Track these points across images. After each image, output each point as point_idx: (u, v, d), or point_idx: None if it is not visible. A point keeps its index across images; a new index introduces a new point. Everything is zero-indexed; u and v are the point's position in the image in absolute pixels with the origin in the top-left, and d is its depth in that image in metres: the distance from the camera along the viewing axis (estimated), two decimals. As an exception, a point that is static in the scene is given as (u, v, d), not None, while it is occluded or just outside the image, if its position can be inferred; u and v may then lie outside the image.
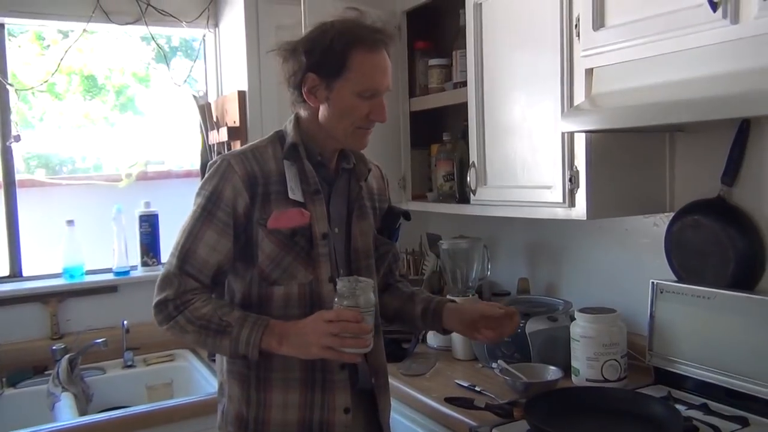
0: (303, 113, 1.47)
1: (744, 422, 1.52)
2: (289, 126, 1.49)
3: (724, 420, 1.54)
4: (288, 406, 1.43)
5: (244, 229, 1.41)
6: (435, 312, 1.60)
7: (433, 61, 2.38)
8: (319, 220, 1.43)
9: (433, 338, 2.28)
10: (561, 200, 1.75)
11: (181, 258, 1.40)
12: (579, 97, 1.68)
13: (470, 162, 2.07)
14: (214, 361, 2.33)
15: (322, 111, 1.42)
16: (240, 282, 1.45)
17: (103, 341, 2.37)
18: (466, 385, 1.87)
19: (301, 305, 1.42)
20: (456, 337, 2.15)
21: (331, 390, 1.44)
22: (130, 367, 2.47)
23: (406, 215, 1.65)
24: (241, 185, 1.39)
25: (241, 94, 2.48)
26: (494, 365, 1.90)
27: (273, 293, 1.42)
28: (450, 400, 1.76)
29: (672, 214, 1.85)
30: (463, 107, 2.10)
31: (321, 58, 1.37)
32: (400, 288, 1.69)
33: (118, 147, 2.80)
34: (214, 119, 2.68)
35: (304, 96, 1.42)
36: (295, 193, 1.42)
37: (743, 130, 1.68)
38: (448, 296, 2.30)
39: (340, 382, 1.45)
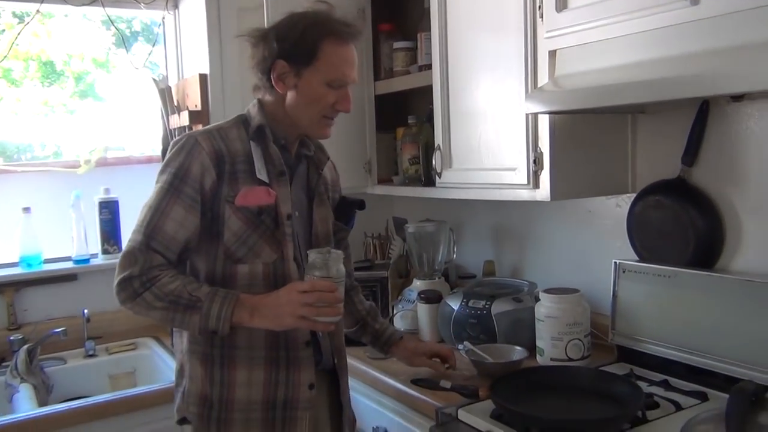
0: (267, 98, 1.50)
1: (703, 397, 1.55)
2: (252, 110, 1.51)
3: (684, 395, 1.57)
4: (252, 384, 1.44)
5: (211, 206, 1.42)
6: (385, 344, 1.79)
7: (397, 44, 2.36)
8: (284, 201, 1.46)
9: (399, 320, 2.28)
10: (525, 182, 1.76)
11: (148, 234, 1.38)
12: (543, 79, 1.68)
13: (436, 145, 2.07)
14: (177, 347, 2.30)
15: (290, 98, 1.46)
16: (204, 260, 1.46)
17: (62, 330, 2.32)
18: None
19: (266, 284, 1.43)
20: (423, 320, 2.16)
21: (296, 367, 1.46)
22: (91, 356, 2.42)
23: (361, 205, 1.70)
24: (209, 162, 1.40)
25: (203, 78, 2.43)
26: (460, 347, 1.92)
27: (237, 271, 1.43)
28: (416, 382, 1.77)
29: (634, 195, 1.88)
30: (429, 90, 2.09)
31: (292, 46, 1.42)
32: (353, 300, 1.77)
33: (77, 133, 2.73)
34: (175, 103, 2.63)
35: (273, 81, 1.45)
36: (261, 173, 1.44)
37: (703, 111, 1.70)
38: (416, 278, 2.33)
39: (305, 359, 1.47)
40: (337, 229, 1.64)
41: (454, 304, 2.04)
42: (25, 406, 1.99)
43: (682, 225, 1.74)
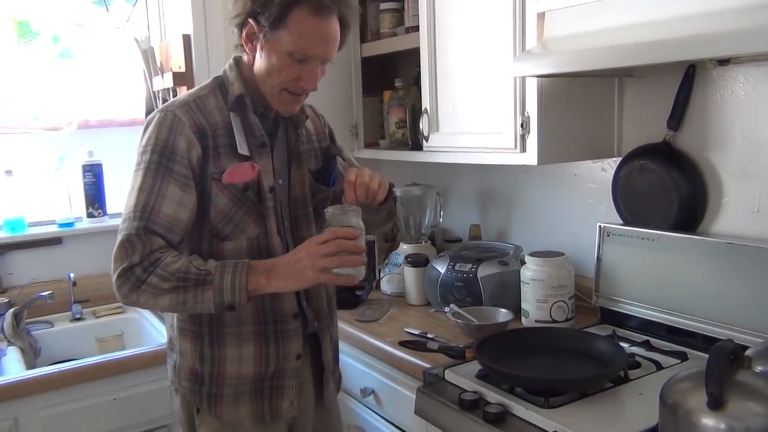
0: (245, 58, 1.43)
1: (683, 357, 1.59)
2: (231, 74, 1.43)
3: (664, 355, 1.61)
4: (243, 359, 1.43)
5: (198, 183, 1.36)
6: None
7: (384, 5, 2.33)
8: (265, 173, 1.41)
9: (386, 284, 2.30)
10: (512, 146, 1.76)
11: (144, 217, 1.30)
12: (531, 42, 1.68)
13: (423, 108, 2.06)
14: (165, 311, 2.30)
15: (256, 61, 1.38)
16: (188, 239, 1.41)
17: (49, 294, 2.31)
18: (416, 332, 1.88)
19: (251, 259, 1.38)
20: (409, 283, 2.18)
21: (285, 339, 1.45)
22: (78, 320, 2.42)
23: (341, 154, 1.61)
24: (194, 136, 1.34)
25: (186, 38, 2.39)
26: (446, 309, 1.94)
27: (224, 249, 1.40)
28: (403, 344, 1.79)
29: (620, 159, 1.89)
30: (416, 52, 2.07)
31: (263, 6, 1.32)
32: None
33: (57, 95, 2.68)
34: (158, 65, 2.58)
35: (242, 41, 1.38)
36: (242, 148, 1.38)
37: (689, 75, 1.71)
38: (402, 241, 2.34)
39: (293, 330, 1.46)
40: (316, 190, 1.54)
41: (441, 267, 2.06)
42: (13, 368, 2.00)
43: (665, 189, 1.76)
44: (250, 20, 1.34)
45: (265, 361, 1.44)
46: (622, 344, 1.63)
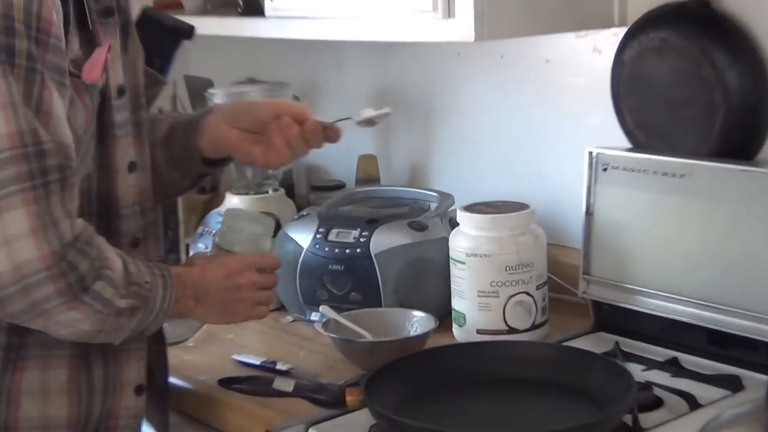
0: None
1: (735, 384, 1.62)
2: None
3: (703, 383, 1.63)
4: (50, 393, 1.47)
5: None
6: (191, 123, 1.74)
7: None
8: (115, 62, 1.51)
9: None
10: (430, 7, 1.75)
11: (44, 153, 1.32)
12: None
13: (261, -60, 2.05)
14: None
15: None
16: None
17: None
18: (255, 362, 1.88)
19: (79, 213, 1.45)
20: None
21: (118, 361, 1.53)
22: None
23: (189, 33, 1.79)
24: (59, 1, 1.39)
25: None
26: (314, 315, 1.95)
27: None
28: (227, 383, 1.76)
29: (624, 31, 1.91)
30: None
31: None
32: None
33: None
34: None
35: None
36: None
37: None
38: (231, 191, 2.36)
39: (132, 348, 1.54)
40: (151, 80, 1.69)
41: (303, 237, 2.05)
42: None
43: (702, 82, 1.79)
44: None
45: (86, 396, 1.50)
46: (631, 367, 1.65)
